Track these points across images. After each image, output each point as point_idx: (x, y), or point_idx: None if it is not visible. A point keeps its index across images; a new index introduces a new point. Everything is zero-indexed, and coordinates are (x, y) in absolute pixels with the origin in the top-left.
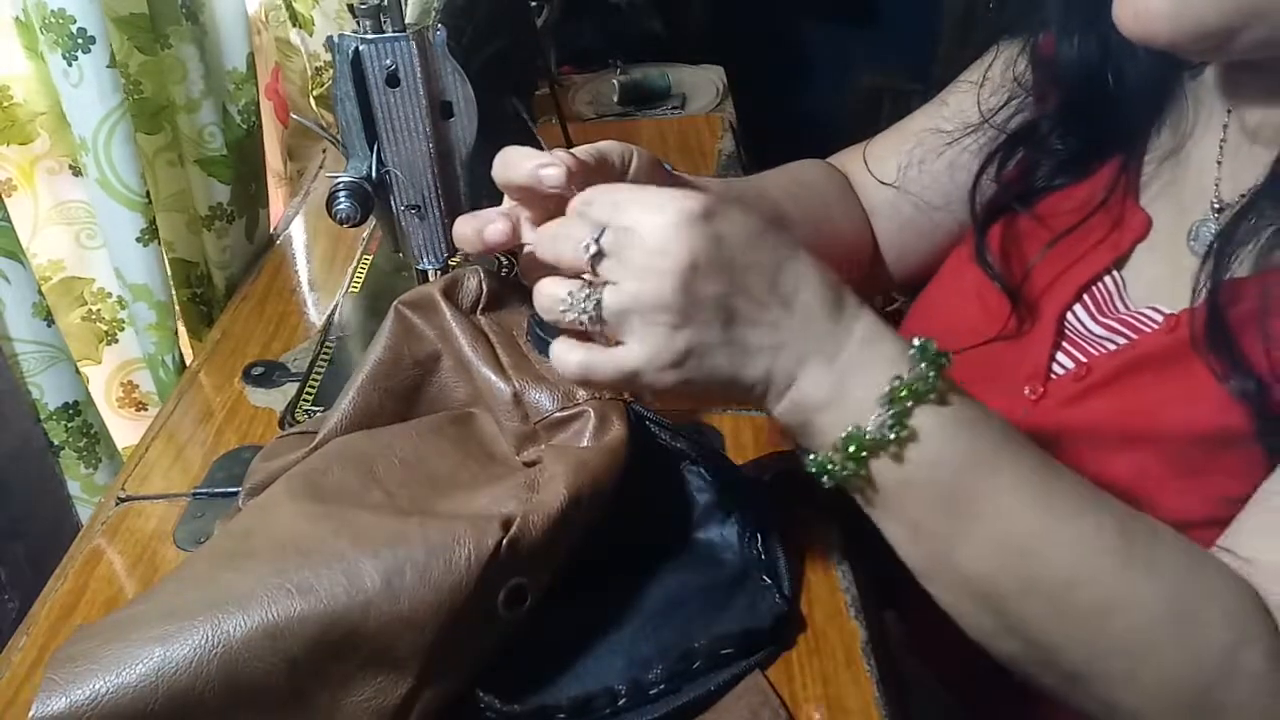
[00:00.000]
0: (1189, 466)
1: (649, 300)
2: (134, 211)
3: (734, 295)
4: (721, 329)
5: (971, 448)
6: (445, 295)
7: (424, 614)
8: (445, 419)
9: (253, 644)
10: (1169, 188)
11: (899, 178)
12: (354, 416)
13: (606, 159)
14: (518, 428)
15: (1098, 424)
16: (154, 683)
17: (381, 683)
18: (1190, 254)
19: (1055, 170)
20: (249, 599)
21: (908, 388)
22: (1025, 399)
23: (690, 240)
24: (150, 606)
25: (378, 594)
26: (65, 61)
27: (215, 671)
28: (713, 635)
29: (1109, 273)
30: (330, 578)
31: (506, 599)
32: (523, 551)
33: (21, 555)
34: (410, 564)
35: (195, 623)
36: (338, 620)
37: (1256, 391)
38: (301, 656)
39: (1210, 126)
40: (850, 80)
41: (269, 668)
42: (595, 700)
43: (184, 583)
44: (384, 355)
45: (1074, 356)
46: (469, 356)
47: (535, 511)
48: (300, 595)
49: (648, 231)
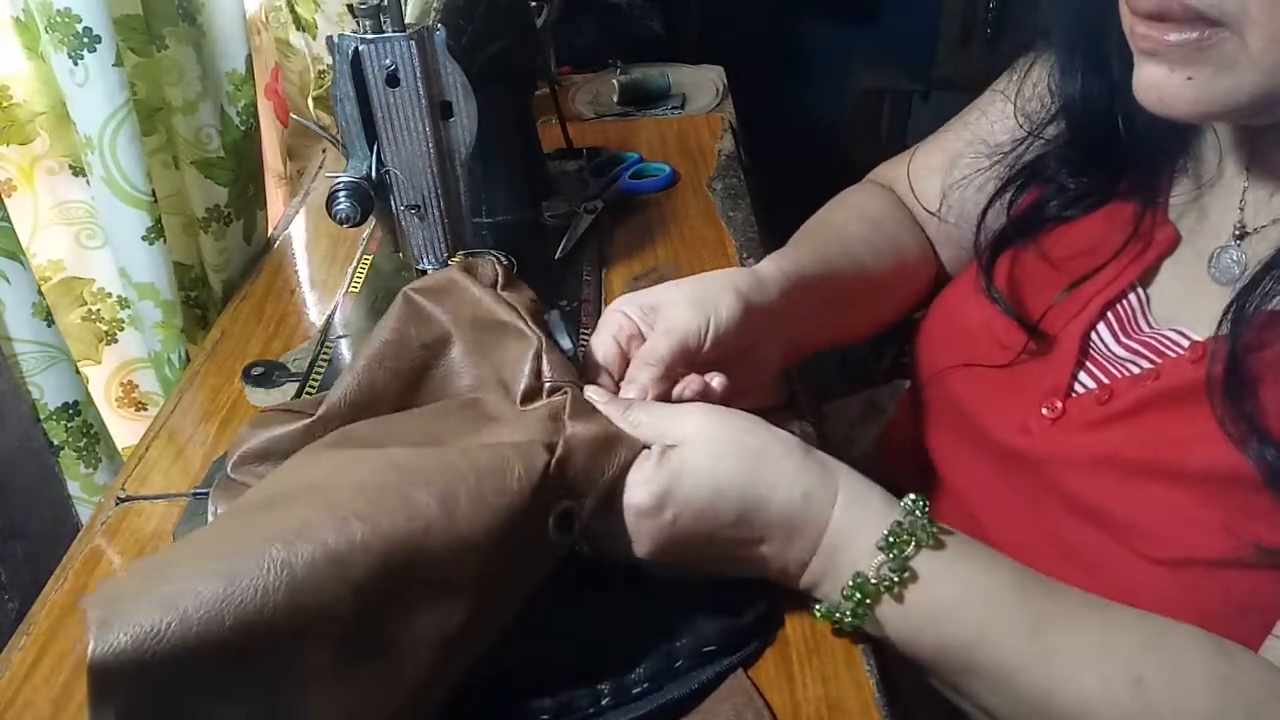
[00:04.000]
0: (1216, 505)
1: (635, 549)
2: (140, 210)
3: (705, 549)
4: (708, 563)
5: (968, 598)
6: (467, 272)
7: (480, 535)
8: (451, 404)
9: (318, 571)
10: (1193, 205)
11: (942, 204)
12: (358, 393)
13: (687, 348)
14: (529, 381)
15: (1119, 453)
16: (219, 613)
17: (441, 611)
18: (1210, 279)
19: (1070, 201)
20: (307, 529)
21: (906, 531)
22: (1043, 418)
23: (646, 531)
24: (191, 551)
25: (436, 518)
26: (71, 61)
27: (282, 600)
28: (694, 634)
29: (1133, 289)
30: (388, 503)
31: (557, 522)
32: (569, 474)
33: (21, 555)
34: (464, 487)
35: (258, 554)
36: (400, 545)
37: (1274, 459)
38: (366, 582)
39: (1237, 145)
40: (850, 80)
41: (335, 595)
42: (578, 700)
43: (228, 528)
44: (391, 336)
45: (1095, 377)
46: (493, 308)
47: (576, 436)
48: (360, 522)
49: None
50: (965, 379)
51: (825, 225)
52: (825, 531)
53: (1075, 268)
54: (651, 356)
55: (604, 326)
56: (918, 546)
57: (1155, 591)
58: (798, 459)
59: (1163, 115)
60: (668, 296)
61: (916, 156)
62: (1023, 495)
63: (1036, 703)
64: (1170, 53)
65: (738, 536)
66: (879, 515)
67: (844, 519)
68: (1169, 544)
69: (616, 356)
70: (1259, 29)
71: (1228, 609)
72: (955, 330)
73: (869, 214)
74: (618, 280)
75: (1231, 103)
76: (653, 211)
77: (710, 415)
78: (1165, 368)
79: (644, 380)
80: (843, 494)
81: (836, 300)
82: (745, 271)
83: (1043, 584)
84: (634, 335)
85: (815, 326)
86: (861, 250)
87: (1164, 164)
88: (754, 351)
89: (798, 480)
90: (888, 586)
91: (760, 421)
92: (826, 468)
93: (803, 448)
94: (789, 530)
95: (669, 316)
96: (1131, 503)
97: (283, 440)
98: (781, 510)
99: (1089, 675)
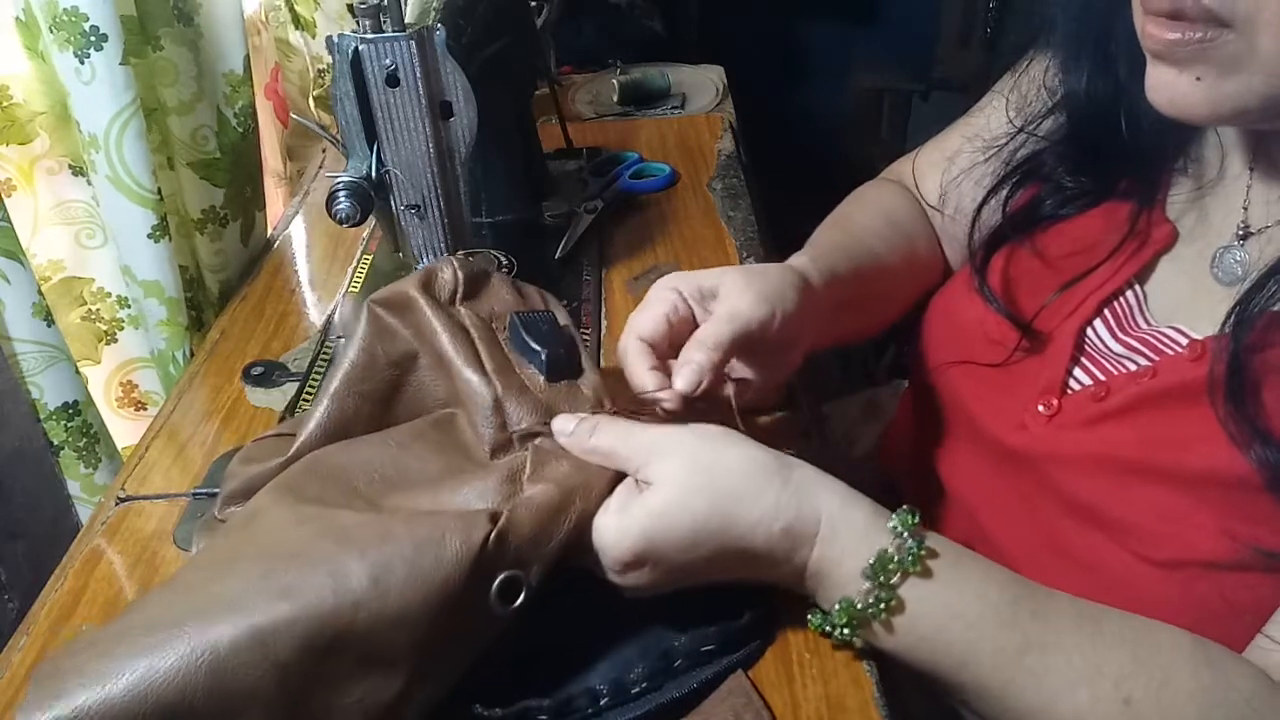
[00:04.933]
0: (1213, 507)
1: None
2: (145, 208)
3: (689, 581)
4: (701, 583)
5: (962, 614)
6: (423, 289)
7: (414, 611)
8: (425, 424)
9: (241, 650)
10: (1194, 204)
11: (940, 199)
12: (329, 426)
13: (750, 338)
14: (494, 435)
15: (1115, 452)
16: (142, 693)
17: (373, 683)
18: (1212, 279)
19: (1067, 199)
20: (236, 605)
21: (892, 559)
22: (1039, 415)
23: (627, 581)
24: (138, 618)
25: (365, 593)
26: (77, 59)
27: (204, 679)
28: (693, 634)
29: (1130, 286)
30: (317, 580)
31: (500, 593)
32: (511, 544)
33: (21, 555)
34: (399, 559)
35: (182, 632)
36: (326, 622)
37: (1276, 462)
38: (291, 660)
39: (1241, 145)
40: (850, 80)
41: (259, 673)
42: (576, 700)
43: (172, 592)
44: (358, 358)
45: (1092, 374)
46: (450, 355)
47: (523, 505)
48: (287, 599)
49: None
50: (963, 377)
51: (848, 221)
52: (810, 558)
53: (1071, 266)
54: (712, 340)
55: (655, 303)
56: (904, 575)
57: (1150, 592)
58: (775, 490)
59: (1174, 118)
60: (729, 283)
61: (920, 154)
62: (1020, 494)
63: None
64: (1177, 53)
65: (723, 568)
66: (864, 540)
67: (828, 549)
68: (1164, 545)
69: (664, 335)
70: (1272, 31)
71: (1223, 610)
72: (952, 328)
73: (886, 210)
74: (618, 280)
75: (1241, 105)
76: (653, 211)
77: (681, 451)
78: (1163, 365)
79: (702, 362)
80: (826, 518)
81: (859, 297)
82: (790, 267)
83: (1032, 599)
84: (686, 318)
85: (835, 323)
86: (880, 247)
87: (1163, 164)
88: (787, 348)
89: (777, 514)
90: (874, 614)
91: (739, 446)
92: (808, 491)
93: (782, 474)
94: (774, 559)
95: (733, 304)
96: (1127, 502)
97: (261, 479)
98: (763, 546)
99: (1078, 693)
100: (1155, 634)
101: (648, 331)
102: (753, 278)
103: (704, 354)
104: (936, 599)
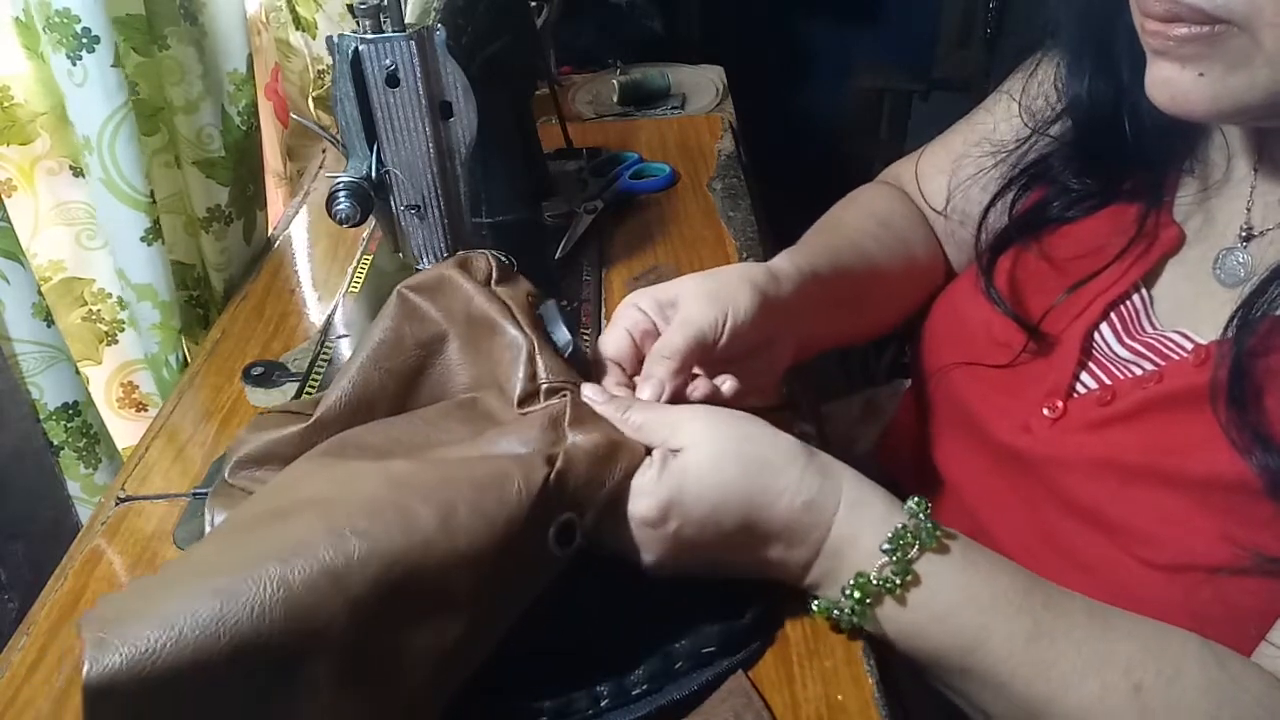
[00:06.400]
0: (1215, 512)
1: (639, 555)
2: (138, 211)
3: (708, 554)
4: (710, 566)
5: (971, 597)
6: (459, 268)
7: (479, 549)
8: (450, 405)
9: (315, 588)
10: (1200, 206)
11: (947, 203)
12: (354, 395)
13: (703, 342)
14: (524, 385)
15: (1119, 456)
16: (215, 631)
17: (438, 625)
18: (1215, 281)
19: (1073, 202)
20: (305, 546)
21: (910, 533)
22: (1044, 418)
23: (650, 541)
24: (188, 569)
25: (434, 533)
26: (69, 61)
27: (279, 618)
28: (694, 635)
29: (1136, 290)
30: (385, 521)
31: (558, 535)
32: (569, 486)
33: (21, 555)
34: (462, 501)
35: (254, 572)
36: (398, 560)
37: (1278, 468)
38: (364, 598)
39: (1245, 147)
40: (850, 80)
41: (332, 611)
42: (577, 701)
43: (224, 544)
44: (385, 336)
45: (1098, 377)
46: (487, 311)
47: (577, 448)
48: (357, 538)
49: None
50: (966, 378)
51: (837, 223)
52: (828, 537)
53: (1077, 268)
54: (667, 350)
55: (618, 321)
56: (921, 549)
57: (1152, 595)
58: (800, 465)
59: (1175, 114)
60: (684, 290)
61: (924, 156)
62: (1022, 495)
63: (1034, 709)
64: (1180, 49)
65: (740, 543)
66: (882, 518)
67: (847, 524)
68: (1167, 549)
69: (630, 352)
70: (1272, 28)
71: (1225, 615)
72: (956, 329)
73: (880, 212)
74: (618, 280)
75: (1245, 102)
76: (653, 211)
77: (712, 420)
78: (1168, 370)
79: (660, 374)
80: (845, 498)
81: (848, 297)
82: (760, 266)
83: (1044, 590)
84: (649, 331)
85: (826, 324)
86: (873, 248)
87: (1169, 166)
88: (766, 348)
89: (800, 488)
90: (889, 588)
91: (763, 425)
92: (829, 472)
93: (806, 452)
94: (791, 536)
95: (685, 310)
96: (1130, 506)
97: (280, 444)
98: (784, 518)
99: (1088, 683)
100: (1164, 632)
101: (611, 351)
102: (705, 282)
103: (660, 365)
104: (952, 578)
